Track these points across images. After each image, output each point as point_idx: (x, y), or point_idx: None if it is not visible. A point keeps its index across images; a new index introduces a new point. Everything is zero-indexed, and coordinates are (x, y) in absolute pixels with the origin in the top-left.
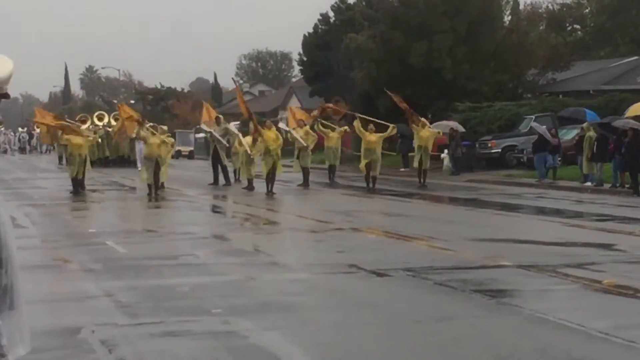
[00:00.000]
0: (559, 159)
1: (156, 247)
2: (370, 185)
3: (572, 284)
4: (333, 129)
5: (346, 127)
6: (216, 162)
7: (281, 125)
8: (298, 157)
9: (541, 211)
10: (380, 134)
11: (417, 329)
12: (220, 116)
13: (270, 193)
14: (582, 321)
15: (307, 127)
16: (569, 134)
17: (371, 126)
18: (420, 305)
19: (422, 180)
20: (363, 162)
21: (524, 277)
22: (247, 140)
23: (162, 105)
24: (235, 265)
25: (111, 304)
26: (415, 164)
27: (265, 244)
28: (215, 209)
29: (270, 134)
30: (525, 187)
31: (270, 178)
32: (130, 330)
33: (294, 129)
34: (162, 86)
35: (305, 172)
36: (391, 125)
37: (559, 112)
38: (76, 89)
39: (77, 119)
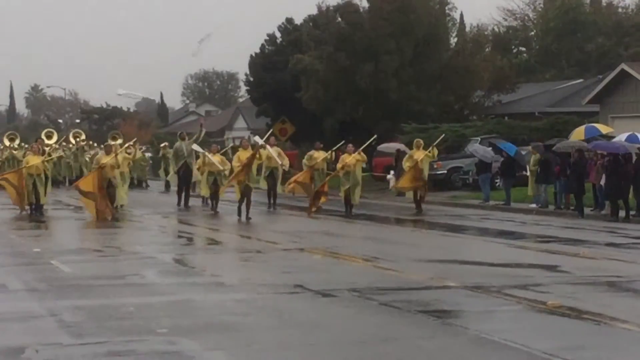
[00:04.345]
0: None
1: (102, 267)
2: (349, 210)
3: (517, 304)
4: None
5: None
6: (183, 183)
7: (257, 138)
8: (267, 176)
9: (486, 232)
10: (359, 157)
11: (363, 350)
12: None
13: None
14: (526, 342)
15: (278, 148)
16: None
17: (350, 146)
18: (365, 325)
19: (418, 208)
20: (343, 189)
21: (469, 298)
22: (216, 158)
23: (107, 125)
24: (180, 285)
25: (55, 323)
26: (409, 193)
27: (211, 264)
28: (161, 229)
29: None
30: (470, 208)
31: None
32: (74, 350)
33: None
34: (108, 105)
35: (274, 193)
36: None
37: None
38: (21, 108)
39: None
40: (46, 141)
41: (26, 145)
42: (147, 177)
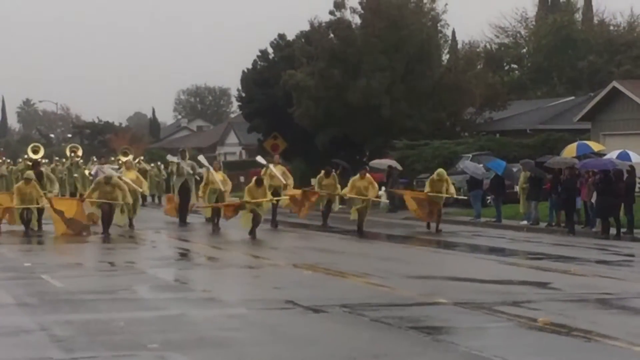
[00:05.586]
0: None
1: (93, 282)
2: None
3: (508, 321)
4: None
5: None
6: (183, 201)
7: (258, 159)
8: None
9: (477, 249)
10: (371, 183)
11: None
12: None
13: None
14: (517, 358)
15: (283, 167)
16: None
17: (364, 171)
18: (356, 341)
19: (437, 227)
20: (354, 208)
21: (460, 315)
22: (218, 176)
23: (99, 140)
24: (171, 300)
25: (46, 338)
26: (423, 215)
27: (203, 279)
28: (153, 244)
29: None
30: (462, 225)
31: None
32: None
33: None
34: (100, 120)
35: (274, 211)
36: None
37: (487, 151)
38: (13, 123)
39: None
40: (32, 155)
41: (8, 160)
42: (162, 193)
